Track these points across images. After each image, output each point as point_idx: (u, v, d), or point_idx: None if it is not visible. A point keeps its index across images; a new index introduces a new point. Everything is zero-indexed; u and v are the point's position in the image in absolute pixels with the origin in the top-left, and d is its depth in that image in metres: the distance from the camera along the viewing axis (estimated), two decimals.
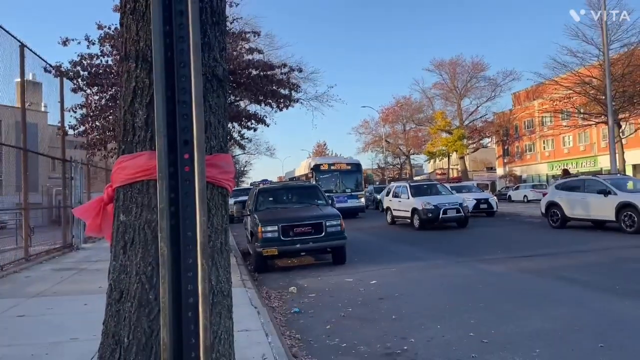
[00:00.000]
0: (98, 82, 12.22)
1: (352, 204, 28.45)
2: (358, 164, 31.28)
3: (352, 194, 29.06)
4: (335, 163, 30.45)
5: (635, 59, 31.09)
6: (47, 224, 19.92)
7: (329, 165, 29.78)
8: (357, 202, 29.09)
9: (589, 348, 5.39)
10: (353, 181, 29.90)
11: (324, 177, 29.08)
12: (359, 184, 30.33)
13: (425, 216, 19.73)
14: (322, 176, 29.02)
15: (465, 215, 20.02)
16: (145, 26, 2.35)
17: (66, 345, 5.43)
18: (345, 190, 29.10)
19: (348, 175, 29.67)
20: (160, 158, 1.91)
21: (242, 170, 66.60)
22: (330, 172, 29.48)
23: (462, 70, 58.31)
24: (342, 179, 29.35)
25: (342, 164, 30.27)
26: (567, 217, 17.98)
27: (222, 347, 2.48)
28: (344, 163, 30.72)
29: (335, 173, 29.47)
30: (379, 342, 5.95)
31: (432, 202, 20.01)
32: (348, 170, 29.90)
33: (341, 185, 29.19)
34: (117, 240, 2.47)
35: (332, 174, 29.45)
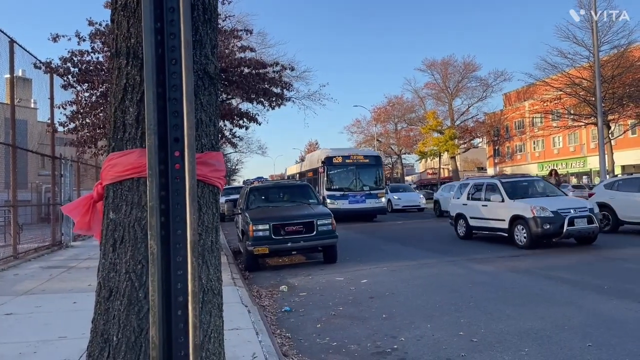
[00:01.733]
0: (88, 78, 12.12)
1: (371, 205, 24.33)
2: (377, 157, 26.75)
3: (370, 192, 24.54)
4: (351, 155, 25.36)
5: (625, 61, 31.38)
6: (36, 221, 19.79)
7: (343, 158, 24.90)
8: (376, 203, 24.61)
9: (578, 347, 5.43)
10: (372, 177, 25.39)
11: (337, 172, 24.98)
12: (379, 180, 25.61)
13: (540, 228, 13.01)
14: (335, 171, 24.85)
15: (598, 226, 13.56)
16: (136, 23, 2.34)
17: (55, 343, 5.39)
18: (363, 187, 24.61)
19: (366, 170, 25.22)
20: (150, 155, 1.90)
21: (233, 169, 66.43)
22: (344, 167, 24.94)
23: (453, 70, 58.53)
24: (358, 174, 24.81)
25: (358, 157, 25.36)
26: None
27: (212, 346, 2.48)
28: (361, 155, 25.71)
29: (350, 167, 24.91)
30: (369, 341, 5.96)
31: (548, 206, 13.32)
32: (366, 164, 25.24)
33: (358, 181, 24.66)
34: (106, 238, 2.45)
35: (346, 169, 24.98)
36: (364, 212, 24.32)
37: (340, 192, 23.83)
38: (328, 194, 23.71)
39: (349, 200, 23.73)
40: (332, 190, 24.01)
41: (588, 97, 31.64)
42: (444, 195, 27.27)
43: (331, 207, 21.58)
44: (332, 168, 24.70)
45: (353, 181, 24.75)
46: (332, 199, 23.50)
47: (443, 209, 26.60)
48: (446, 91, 59.21)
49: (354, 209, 23.55)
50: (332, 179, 24.37)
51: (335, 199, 23.53)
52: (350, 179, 24.83)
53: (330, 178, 24.26)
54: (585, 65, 32.45)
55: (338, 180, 24.58)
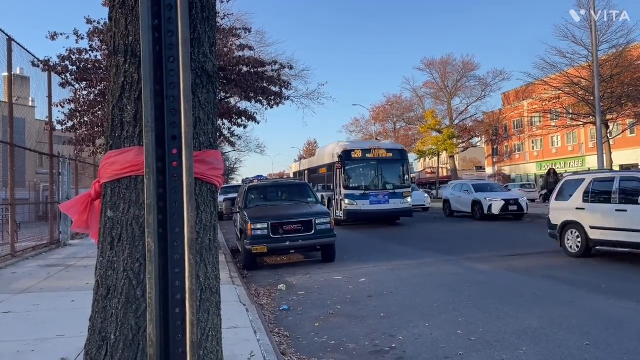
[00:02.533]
0: (86, 76, 12.08)
1: (395, 205, 21.18)
2: (402, 150, 23.18)
3: (394, 191, 21.26)
4: (372, 149, 22.14)
5: (624, 60, 31.40)
6: (34, 219, 19.76)
7: (362, 152, 21.64)
8: (401, 203, 21.35)
9: (575, 346, 5.44)
10: (396, 173, 22.14)
11: (356, 168, 21.94)
12: (404, 177, 22.25)
13: None
14: (353, 166, 21.71)
15: None
16: (134, 20, 2.33)
17: (52, 341, 5.38)
18: (386, 185, 21.40)
19: (389, 165, 21.96)
20: (147, 153, 1.90)
21: (231, 167, 66.40)
22: (364, 161, 21.78)
23: (452, 69, 58.59)
24: (380, 170, 21.57)
25: (380, 150, 22.09)
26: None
27: (210, 344, 2.48)
28: (384, 149, 22.36)
29: (371, 162, 21.68)
30: (367, 340, 5.97)
31: None
32: (388, 158, 21.93)
33: (380, 179, 21.49)
34: (104, 236, 2.45)
35: (367, 164, 21.83)
36: (387, 214, 21.52)
37: (359, 190, 20.97)
38: (346, 192, 20.84)
39: (370, 200, 20.84)
40: (350, 189, 20.99)
41: (586, 96, 31.65)
42: (454, 193, 26.01)
43: (349, 207, 20.59)
44: (350, 163, 21.48)
45: (374, 178, 21.57)
46: (350, 198, 20.78)
47: (453, 209, 25.79)
48: (445, 90, 59.25)
49: (376, 210, 20.93)
50: (351, 175, 21.40)
51: (354, 198, 20.78)
52: (371, 175, 21.71)
53: (349, 174, 21.24)
54: (583, 64, 32.46)
55: (357, 177, 21.69)
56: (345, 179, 21.07)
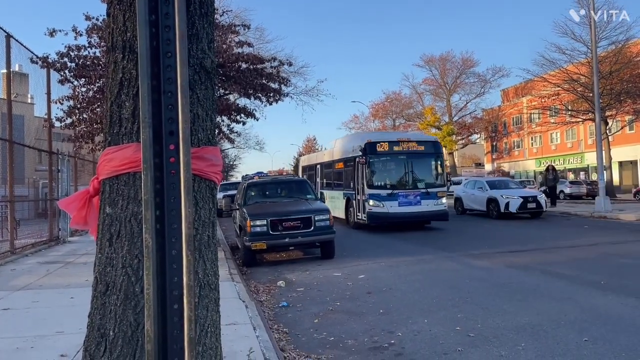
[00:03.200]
0: (85, 73, 12.07)
1: (428, 207, 17.96)
2: (436, 143, 19.93)
3: (427, 191, 18.07)
4: (401, 141, 18.85)
5: (623, 57, 31.41)
6: (34, 216, 19.76)
7: (390, 145, 18.48)
8: (435, 205, 18.08)
9: (574, 342, 5.45)
10: (429, 170, 19.01)
11: (383, 164, 18.83)
12: (439, 174, 19.04)
13: None
14: (379, 161, 18.58)
15: None
16: (132, 16, 2.33)
17: (52, 338, 5.39)
18: (417, 184, 18.29)
19: (421, 161, 18.82)
20: (145, 148, 1.90)
21: (231, 165, 66.40)
22: (392, 156, 18.56)
23: (451, 66, 58.56)
24: (411, 166, 18.40)
25: (411, 143, 18.86)
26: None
27: (209, 340, 2.48)
28: (414, 141, 19.11)
29: (400, 157, 18.49)
30: (366, 336, 5.98)
31: None
32: (420, 152, 18.80)
33: (410, 176, 18.36)
34: (103, 232, 2.45)
35: (395, 159, 18.62)
36: (419, 218, 18.19)
37: (386, 190, 17.84)
38: (370, 192, 17.70)
39: (399, 202, 17.64)
40: (375, 188, 17.86)
41: (586, 93, 31.68)
42: (467, 191, 24.64)
43: (375, 210, 17.53)
44: (375, 158, 18.27)
45: (404, 175, 18.39)
46: (375, 199, 17.60)
47: (466, 207, 24.32)
48: (444, 87, 59.24)
49: (406, 213, 17.69)
50: (376, 172, 18.33)
51: (380, 199, 17.59)
52: (400, 172, 18.46)
53: (374, 171, 18.15)
54: (583, 61, 32.47)
55: (384, 175, 18.59)
56: (369, 177, 17.98)
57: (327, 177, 23.70)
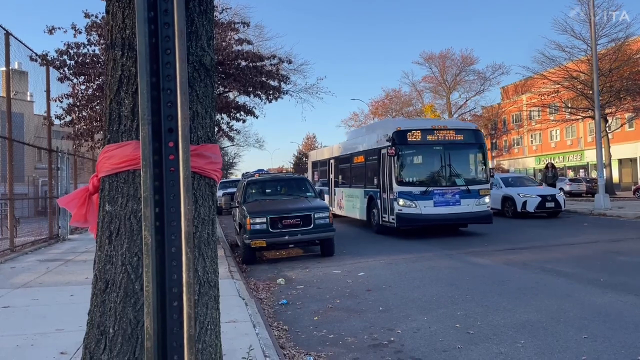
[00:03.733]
0: (85, 71, 12.07)
1: (469, 208, 15.14)
2: (477, 132, 16.73)
3: (468, 188, 15.24)
4: (437, 129, 15.76)
5: (623, 54, 31.39)
6: (33, 214, 19.73)
7: (423, 133, 15.46)
8: (477, 205, 15.25)
9: (574, 339, 5.46)
10: (469, 163, 16.21)
11: (415, 156, 16.10)
12: (481, 168, 16.07)
13: None
14: (410, 152, 15.78)
15: None
16: (131, 14, 2.33)
17: (51, 336, 5.39)
18: (455, 180, 15.41)
19: (460, 152, 15.89)
20: (144, 146, 1.90)
21: (230, 162, 66.37)
22: (426, 147, 15.60)
23: (451, 63, 58.39)
24: (449, 158, 15.42)
25: (448, 132, 15.77)
26: None
27: (209, 338, 2.48)
28: (452, 129, 15.95)
29: (436, 148, 15.54)
30: (366, 333, 5.99)
31: None
32: (459, 142, 15.81)
33: (448, 171, 15.41)
34: (102, 230, 2.45)
35: (430, 150, 15.63)
36: (458, 220, 15.47)
37: (420, 187, 15.00)
38: (400, 190, 14.92)
39: (435, 201, 14.89)
40: (406, 184, 15.06)
41: (585, 91, 31.67)
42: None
43: (405, 211, 14.78)
44: (406, 149, 15.41)
45: (440, 170, 15.40)
46: (406, 198, 14.83)
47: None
48: (444, 84, 59.15)
49: (443, 215, 14.98)
50: (407, 166, 15.56)
51: (412, 198, 14.82)
52: (435, 166, 15.48)
53: (404, 165, 15.37)
54: (582, 58, 32.45)
55: (416, 169, 15.82)
56: (398, 171, 15.09)
57: (343, 173, 20.93)
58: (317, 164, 25.71)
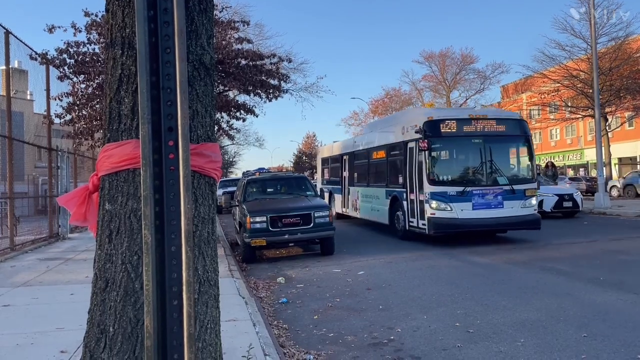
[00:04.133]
0: (85, 70, 12.06)
1: (514, 212, 12.90)
2: (521, 122, 14.24)
3: (512, 188, 12.97)
4: (475, 119, 13.40)
5: (623, 53, 31.38)
6: (33, 213, 19.73)
7: (459, 124, 13.15)
8: (523, 207, 13.03)
9: (573, 338, 5.47)
10: (513, 158, 14.11)
11: (449, 149, 13.86)
12: (527, 164, 13.86)
13: None
14: (444, 145, 13.55)
15: None
16: (131, 13, 2.33)
17: (51, 334, 5.40)
18: (497, 178, 13.16)
19: (502, 146, 13.66)
20: (144, 144, 1.90)
21: (230, 161, 66.36)
22: (463, 139, 13.36)
23: (451, 62, 58.34)
24: (489, 153, 13.14)
25: (488, 122, 13.48)
26: None
27: (209, 336, 2.49)
28: (493, 119, 13.65)
29: (474, 141, 13.30)
30: (365, 332, 5.99)
31: None
32: (501, 134, 13.50)
33: (487, 167, 13.14)
34: (102, 229, 2.45)
35: (466, 143, 13.45)
36: (501, 225, 13.18)
37: (456, 186, 12.83)
38: (433, 190, 12.72)
39: (474, 203, 12.72)
40: (439, 184, 12.86)
41: (585, 90, 31.65)
42: None
43: (440, 215, 12.56)
44: (439, 141, 13.15)
45: (480, 166, 13.14)
46: (440, 199, 12.63)
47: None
48: (444, 83, 59.12)
49: (484, 219, 12.77)
50: (441, 162, 13.41)
51: (447, 199, 12.65)
52: (474, 161, 13.31)
53: (438, 160, 13.21)
54: (582, 57, 32.43)
55: (451, 165, 13.70)
56: (431, 168, 12.85)
57: (359, 171, 18.66)
58: (328, 160, 23.28)
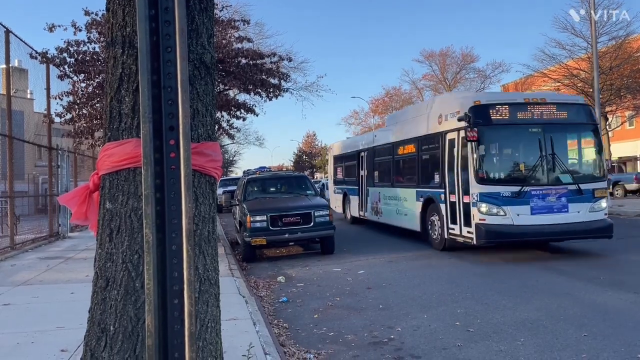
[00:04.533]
0: (85, 69, 12.06)
1: (581, 217, 10.57)
2: (585, 107, 11.81)
3: (579, 187, 10.64)
4: (531, 104, 10.89)
5: (623, 52, 31.36)
6: (34, 212, 19.75)
7: (512, 110, 10.73)
8: (592, 210, 10.70)
9: (573, 337, 5.47)
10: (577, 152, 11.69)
11: (501, 140, 11.16)
12: (595, 158, 11.50)
13: None
14: (495, 135, 10.95)
15: None
16: (131, 11, 2.33)
17: (52, 333, 5.40)
18: (559, 176, 10.82)
19: (564, 136, 11.36)
20: (145, 144, 1.90)
21: (231, 160, 66.34)
22: (517, 128, 10.99)
23: (451, 61, 58.40)
24: (550, 144, 10.75)
25: (548, 107, 10.98)
26: None
27: (209, 335, 2.49)
28: (552, 104, 11.09)
29: (532, 130, 10.95)
30: (366, 331, 5.99)
31: None
32: (563, 122, 11.17)
33: (548, 162, 10.71)
34: (103, 228, 2.45)
35: (522, 133, 11.08)
36: (567, 234, 10.62)
37: (510, 186, 10.53)
38: (483, 190, 10.40)
39: (533, 206, 10.42)
40: (491, 182, 10.55)
41: (586, 89, 31.62)
42: None
43: (492, 221, 10.21)
44: (489, 130, 10.64)
45: (539, 161, 10.67)
46: (491, 201, 10.35)
47: None
48: (444, 82, 59.13)
49: (545, 226, 10.41)
50: (492, 156, 11.02)
51: (498, 202, 10.35)
52: (531, 155, 10.85)
53: (488, 154, 10.79)
54: (583, 56, 32.41)
55: (504, 160, 11.32)
56: (479, 163, 10.48)
57: (382, 169, 16.49)
58: (342, 158, 21.04)
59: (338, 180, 21.63)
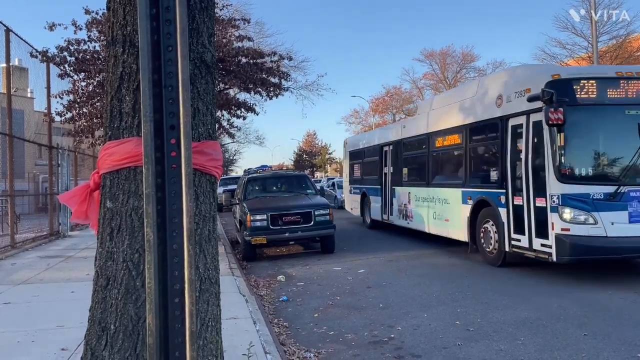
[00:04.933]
0: (85, 68, 12.07)
1: None
2: None
3: None
4: (625, 79, 8.15)
5: (624, 52, 31.35)
6: (34, 211, 19.78)
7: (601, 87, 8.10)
8: None
9: (574, 336, 5.47)
10: None
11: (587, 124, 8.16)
12: None
13: None
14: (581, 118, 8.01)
15: None
16: (132, 10, 2.33)
17: (52, 332, 5.40)
18: None
19: None
20: (146, 143, 1.90)
21: (231, 159, 66.31)
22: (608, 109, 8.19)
23: (452, 60, 58.37)
24: None
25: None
26: None
27: (210, 334, 2.49)
28: None
29: (628, 112, 8.12)
30: (366, 330, 5.99)
31: None
32: None
33: None
34: (103, 227, 2.45)
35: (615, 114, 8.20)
36: None
37: (602, 184, 8.06)
38: (566, 190, 8.00)
39: (631, 212, 7.95)
40: (576, 181, 8.11)
41: None
42: None
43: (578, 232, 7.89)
44: (575, 114, 7.97)
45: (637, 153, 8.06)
46: (578, 205, 7.94)
47: None
48: (444, 82, 59.08)
49: None
50: (577, 145, 8.25)
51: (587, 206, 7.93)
52: (628, 146, 8.18)
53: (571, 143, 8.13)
54: (583, 55, 32.40)
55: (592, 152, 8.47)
56: (562, 156, 8.15)
57: (413, 165, 14.10)
58: (360, 153, 18.55)
59: (355, 178, 18.97)
